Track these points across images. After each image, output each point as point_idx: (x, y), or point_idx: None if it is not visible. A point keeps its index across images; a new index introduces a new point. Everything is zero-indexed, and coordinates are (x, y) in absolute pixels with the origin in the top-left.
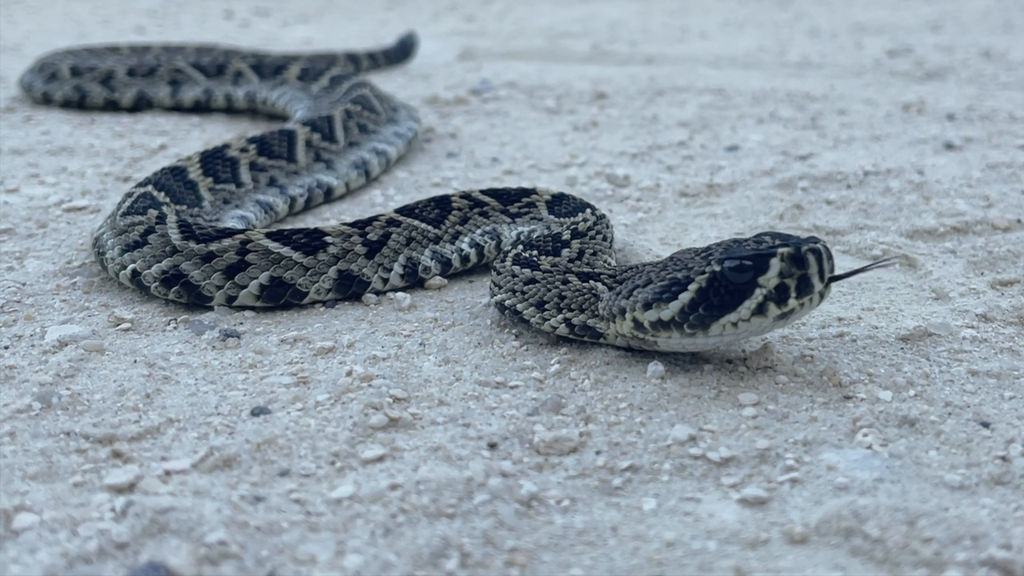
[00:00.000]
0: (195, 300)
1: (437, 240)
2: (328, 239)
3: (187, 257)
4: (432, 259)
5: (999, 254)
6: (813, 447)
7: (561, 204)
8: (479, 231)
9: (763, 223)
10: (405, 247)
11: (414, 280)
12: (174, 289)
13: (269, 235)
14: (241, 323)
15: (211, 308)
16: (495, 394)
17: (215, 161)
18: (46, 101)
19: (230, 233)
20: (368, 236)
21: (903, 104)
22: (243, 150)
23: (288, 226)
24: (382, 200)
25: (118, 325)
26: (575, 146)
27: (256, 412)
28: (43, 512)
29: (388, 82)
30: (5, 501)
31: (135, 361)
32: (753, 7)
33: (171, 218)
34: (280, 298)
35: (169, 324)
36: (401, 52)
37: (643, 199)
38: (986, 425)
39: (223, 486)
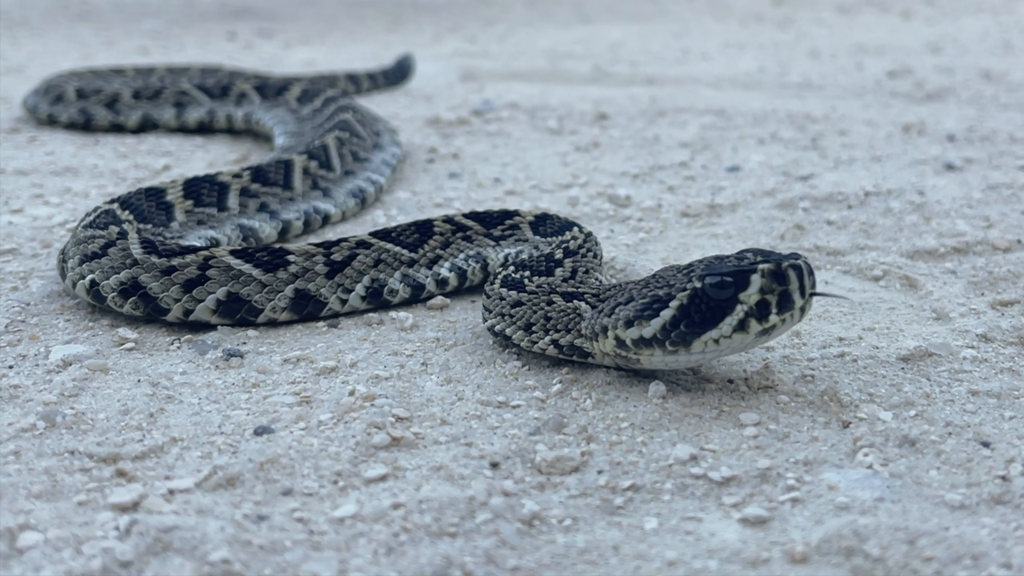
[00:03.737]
0: (151, 312)
1: (411, 263)
2: (291, 257)
3: (147, 270)
4: (401, 282)
5: (999, 274)
6: (814, 467)
7: (545, 224)
8: (462, 255)
9: (764, 243)
10: (371, 268)
11: (379, 303)
12: (131, 300)
13: (233, 252)
14: (244, 343)
15: (201, 327)
16: (497, 414)
17: (200, 185)
18: (51, 123)
19: (194, 250)
20: (332, 256)
21: (904, 125)
22: (236, 176)
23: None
24: (384, 221)
25: (122, 345)
26: (577, 166)
27: (259, 431)
28: (47, 530)
29: (391, 103)
30: (10, 519)
31: (139, 381)
32: (754, 28)
33: (132, 235)
34: (236, 314)
35: (172, 344)
36: (398, 73)
37: (645, 219)
38: (986, 445)
39: (226, 505)
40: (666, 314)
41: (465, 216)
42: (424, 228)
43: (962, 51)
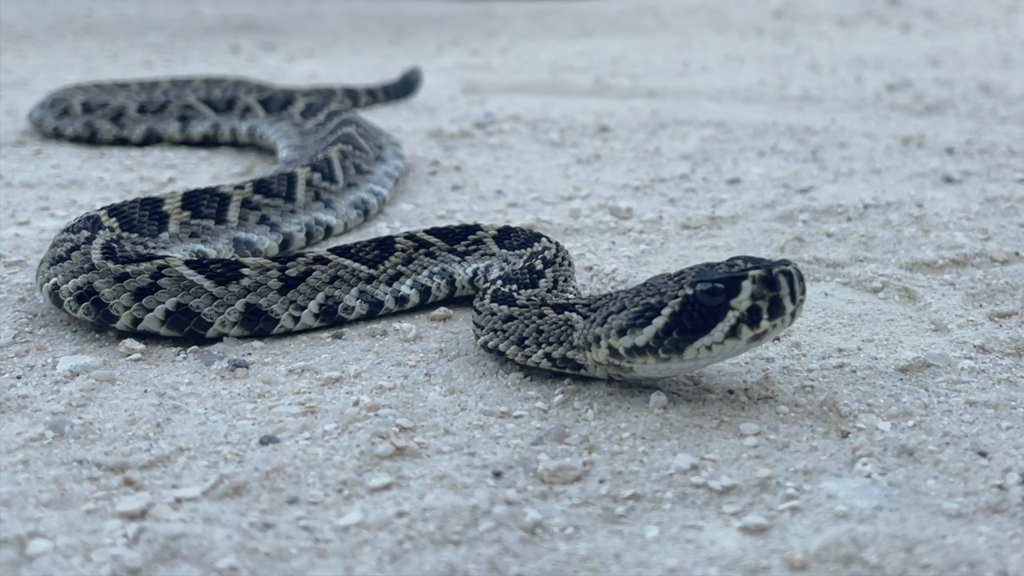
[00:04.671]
0: (102, 319)
1: (370, 280)
2: (244, 271)
3: (102, 275)
4: (358, 299)
5: (997, 286)
6: (813, 476)
7: (510, 237)
8: (426, 272)
9: (764, 255)
10: (327, 285)
11: (333, 320)
12: (84, 305)
13: (187, 262)
14: (249, 353)
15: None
16: (500, 424)
17: (200, 196)
18: (56, 136)
19: (150, 258)
20: (287, 271)
21: (903, 138)
22: (239, 187)
23: None
24: (387, 232)
25: (129, 355)
26: (578, 179)
27: (265, 441)
28: (57, 538)
29: (394, 116)
30: (19, 527)
31: (145, 391)
32: (754, 42)
33: (97, 240)
34: (184, 326)
35: (179, 355)
36: (404, 87)
37: (646, 231)
38: (983, 454)
39: (233, 513)
40: (658, 322)
41: (427, 232)
42: (385, 244)
43: (961, 64)
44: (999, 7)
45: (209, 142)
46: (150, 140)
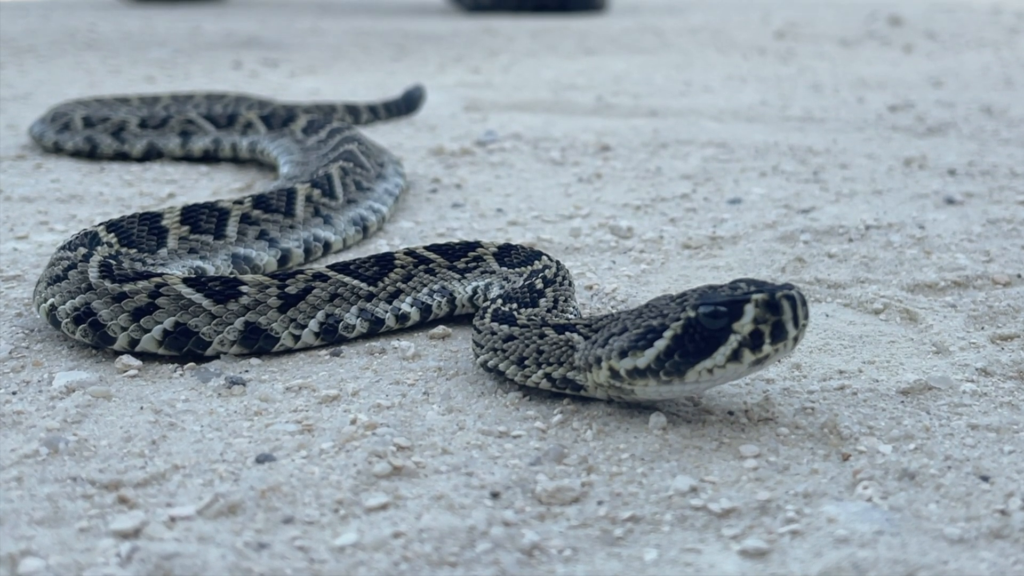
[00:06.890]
0: (99, 341)
1: (370, 298)
2: (243, 288)
3: (99, 295)
4: (358, 317)
5: (999, 309)
6: (814, 499)
7: (510, 254)
8: (425, 289)
9: (765, 276)
10: (327, 303)
11: (333, 339)
12: (81, 327)
13: (185, 280)
14: (247, 371)
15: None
16: (498, 443)
17: (199, 211)
18: (57, 150)
19: (148, 276)
20: (287, 289)
21: (905, 159)
22: (238, 202)
23: None
24: (387, 250)
25: (125, 372)
26: (579, 197)
27: (261, 459)
28: (49, 557)
29: (395, 133)
30: (11, 546)
31: (142, 408)
32: (756, 62)
33: (95, 258)
34: (183, 346)
35: (175, 371)
36: (406, 105)
37: (646, 251)
38: (985, 479)
39: (227, 532)
40: (660, 344)
41: (427, 248)
42: (384, 261)
43: (963, 86)
44: (1001, 29)
45: (210, 158)
46: (151, 155)
